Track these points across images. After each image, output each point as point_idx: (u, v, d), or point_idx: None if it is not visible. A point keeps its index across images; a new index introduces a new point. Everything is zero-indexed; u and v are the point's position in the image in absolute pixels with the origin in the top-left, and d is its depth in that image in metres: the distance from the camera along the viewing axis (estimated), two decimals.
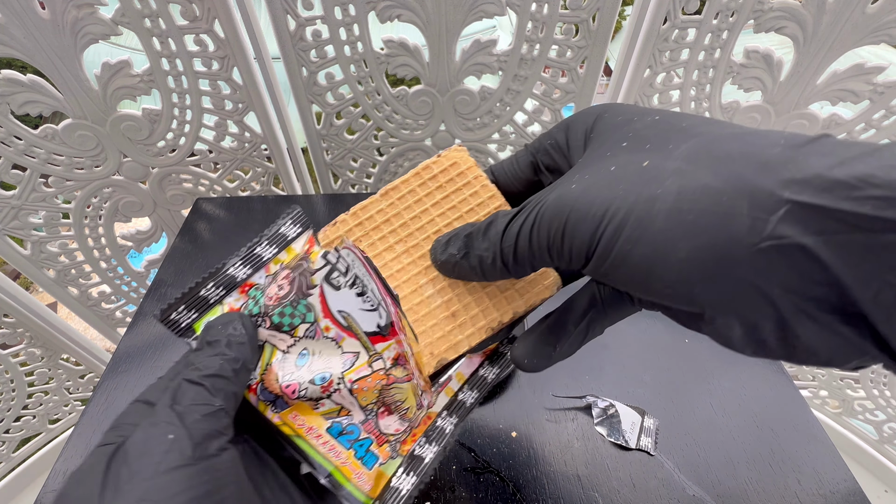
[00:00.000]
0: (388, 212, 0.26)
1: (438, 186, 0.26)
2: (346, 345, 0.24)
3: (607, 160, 0.19)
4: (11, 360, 0.86)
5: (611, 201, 0.17)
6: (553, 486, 0.39)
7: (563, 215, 0.18)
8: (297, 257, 0.26)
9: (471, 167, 0.27)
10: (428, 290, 0.25)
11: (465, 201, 0.26)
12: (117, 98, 0.65)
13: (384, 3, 0.58)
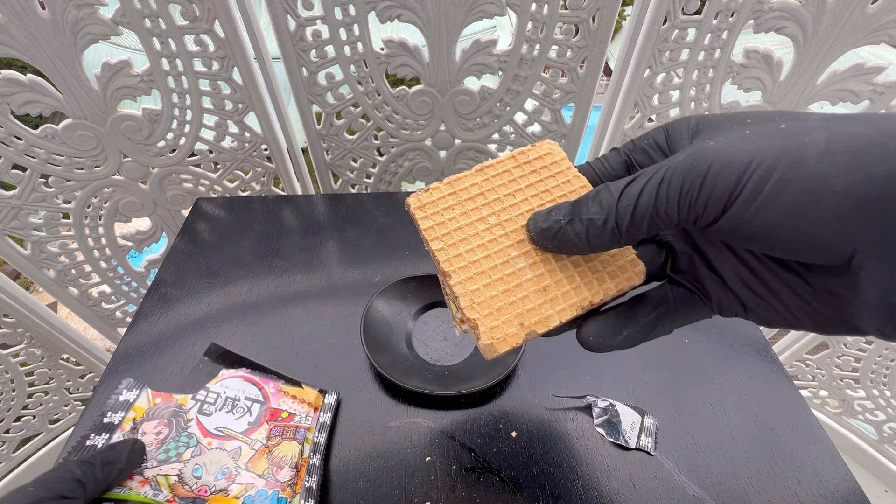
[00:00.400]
0: (482, 186, 0.27)
1: (533, 171, 0.27)
2: (229, 446, 0.36)
3: (736, 130, 0.19)
4: (11, 360, 0.86)
5: (756, 150, 0.17)
6: (553, 486, 0.39)
7: (703, 165, 0.18)
8: (158, 408, 0.37)
9: (563, 159, 0.27)
10: (519, 262, 0.25)
11: (558, 187, 0.26)
12: (117, 98, 0.65)
13: (384, 3, 0.58)
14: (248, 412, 0.39)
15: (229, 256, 0.60)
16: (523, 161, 0.27)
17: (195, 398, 0.39)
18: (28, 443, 1.00)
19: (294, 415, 0.40)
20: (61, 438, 1.04)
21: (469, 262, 0.25)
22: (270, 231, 0.64)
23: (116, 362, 0.48)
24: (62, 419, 1.03)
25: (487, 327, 0.23)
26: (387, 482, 0.39)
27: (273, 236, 0.63)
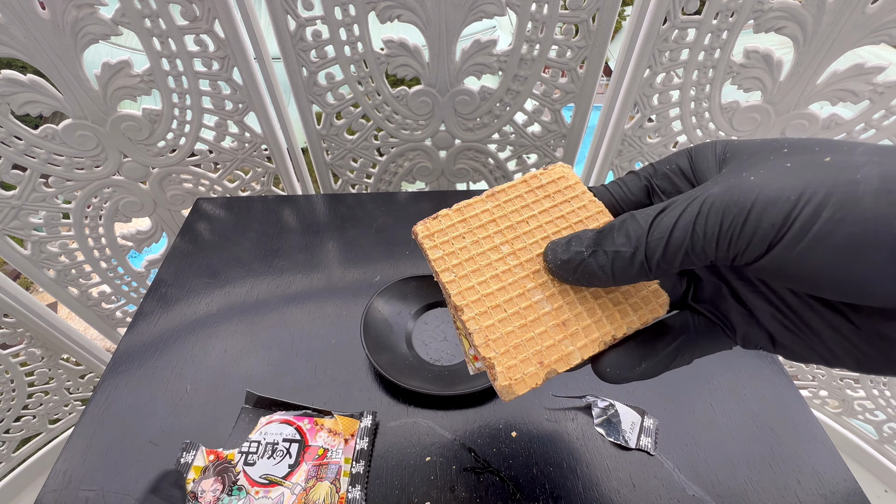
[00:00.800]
0: (493, 212, 0.25)
1: (546, 196, 0.26)
2: (273, 493, 0.38)
3: (773, 161, 0.18)
4: (11, 360, 0.86)
5: (803, 187, 0.16)
6: (553, 486, 0.39)
7: (746, 201, 0.17)
8: (211, 466, 0.40)
9: (577, 183, 0.26)
10: (536, 294, 0.24)
11: (573, 213, 0.25)
12: (117, 98, 0.65)
13: (384, 3, 0.58)
14: (288, 454, 0.40)
15: (229, 256, 0.60)
16: (536, 185, 0.26)
17: (240, 451, 0.40)
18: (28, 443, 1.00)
19: (328, 450, 0.41)
20: (61, 438, 1.04)
21: (482, 294, 0.23)
22: (270, 231, 0.64)
23: (116, 362, 0.48)
24: (62, 419, 1.03)
25: (504, 367, 0.22)
26: (387, 482, 0.39)
27: (273, 236, 0.63)
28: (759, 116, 0.67)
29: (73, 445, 0.42)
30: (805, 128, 0.67)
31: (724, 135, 0.70)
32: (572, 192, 0.26)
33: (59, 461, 0.41)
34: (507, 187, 0.26)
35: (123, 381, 0.47)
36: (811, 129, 0.67)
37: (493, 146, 0.76)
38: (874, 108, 0.64)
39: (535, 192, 0.26)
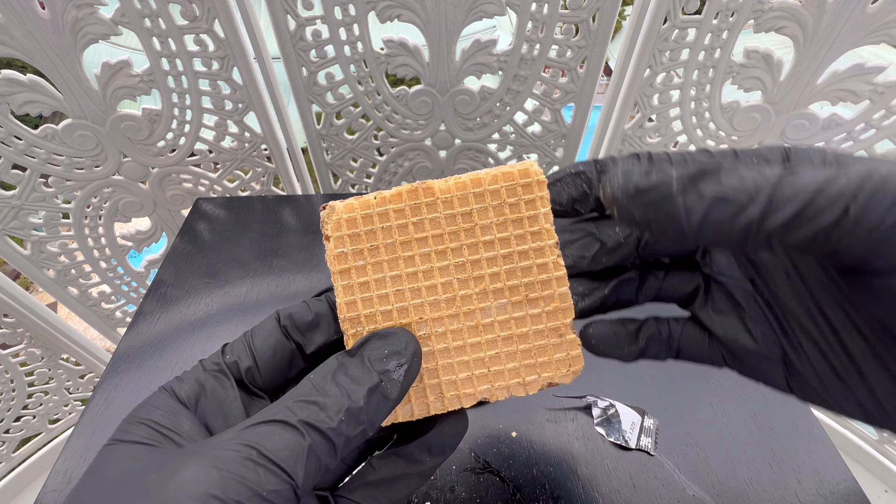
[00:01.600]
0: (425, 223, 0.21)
1: (498, 205, 0.21)
2: None
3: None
4: (11, 360, 0.86)
5: None
6: (553, 486, 0.39)
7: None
8: None
9: (543, 196, 0.21)
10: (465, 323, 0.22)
11: (520, 238, 0.22)
12: (117, 98, 0.65)
13: (384, 2, 0.58)
14: None
15: (229, 256, 0.60)
16: (493, 202, 0.21)
17: None
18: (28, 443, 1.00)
19: None
20: (61, 438, 1.04)
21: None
22: (270, 231, 0.64)
23: (116, 362, 0.48)
24: (62, 419, 1.03)
25: None
26: None
27: (273, 236, 0.63)
28: (759, 116, 0.67)
29: (73, 445, 0.42)
30: (805, 128, 0.67)
31: (725, 135, 0.70)
32: (532, 207, 0.21)
33: (59, 461, 0.41)
34: (453, 194, 0.21)
35: (123, 381, 0.47)
36: (811, 129, 0.67)
37: (494, 146, 0.76)
38: (874, 108, 0.64)
39: (486, 213, 0.21)
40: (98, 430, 0.43)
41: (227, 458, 0.16)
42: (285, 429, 0.17)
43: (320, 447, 0.17)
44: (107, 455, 0.18)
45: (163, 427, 0.19)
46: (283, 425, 0.17)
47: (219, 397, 0.21)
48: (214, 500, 0.15)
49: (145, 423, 0.19)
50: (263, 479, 0.16)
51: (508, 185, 0.21)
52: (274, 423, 0.17)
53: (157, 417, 0.19)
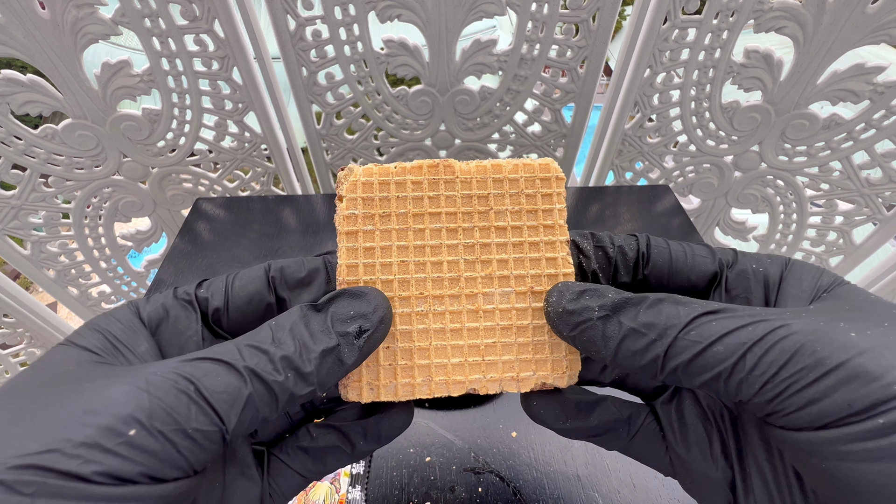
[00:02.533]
0: (442, 196, 0.21)
1: (515, 211, 0.22)
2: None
3: (888, 328, 0.15)
4: (11, 360, 0.86)
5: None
6: (553, 487, 0.39)
7: (833, 358, 0.14)
8: None
9: (559, 193, 0.22)
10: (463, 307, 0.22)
11: (533, 229, 0.22)
12: (117, 98, 0.65)
13: (384, 2, 0.58)
14: None
15: (229, 256, 0.60)
16: (511, 190, 0.22)
17: None
18: None
19: None
20: None
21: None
22: (270, 231, 0.64)
23: None
24: None
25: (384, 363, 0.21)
26: (387, 482, 0.39)
27: (273, 236, 0.63)
28: (759, 116, 0.67)
29: None
30: (805, 128, 0.67)
31: (725, 135, 0.70)
32: (548, 202, 0.22)
33: None
34: (474, 174, 0.22)
35: None
36: (811, 129, 0.67)
37: (494, 146, 0.76)
38: (874, 108, 0.64)
39: (503, 199, 0.22)
40: None
41: (161, 385, 0.15)
42: (229, 371, 0.16)
43: (261, 398, 0.17)
44: (55, 353, 0.18)
45: (117, 341, 0.19)
46: (227, 367, 0.16)
47: (180, 327, 0.20)
48: (136, 423, 0.14)
49: (102, 333, 0.19)
50: (193, 416, 0.15)
51: (528, 176, 0.22)
52: (219, 362, 0.17)
53: (115, 330, 0.19)
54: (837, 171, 0.73)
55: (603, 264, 0.22)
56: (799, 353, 0.14)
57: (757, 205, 0.80)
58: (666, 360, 0.17)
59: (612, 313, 0.18)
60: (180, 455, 0.15)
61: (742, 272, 0.20)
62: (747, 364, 0.15)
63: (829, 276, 0.19)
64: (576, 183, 0.81)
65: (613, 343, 0.18)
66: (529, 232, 0.22)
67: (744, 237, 0.86)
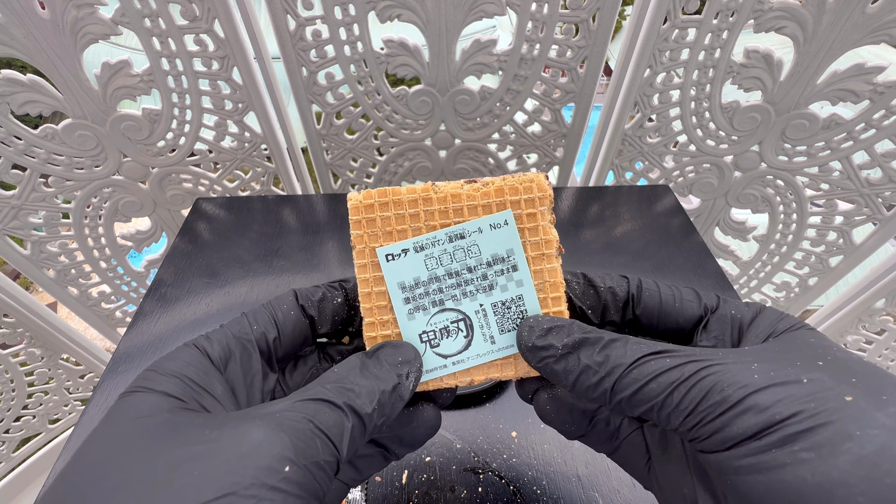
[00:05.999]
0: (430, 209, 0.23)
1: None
2: None
3: (798, 369, 0.17)
4: (11, 360, 0.86)
5: (801, 406, 0.16)
6: (553, 486, 0.39)
7: (734, 392, 0.17)
8: None
9: (544, 211, 0.23)
10: None
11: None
12: (117, 98, 0.65)
13: (384, 2, 0.58)
14: None
15: (229, 256, 0.60)
16: (498, 200, 0.23)
17: None
18: (28, 443, 1.00)
19: None
20: (61, 438, 1.04)
21: None
22: (270, 231, 0.64)
23: (116, 362, 0.48)
24: (62, 419, 1.03)
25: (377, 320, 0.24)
26: (387, 482, 0.39)
27: (273, 236, 0.63)
28: (759, 116, 0.67)
29: (72, 445, 0.42)
30: (805, 128, 0.67)
31: (725, 135, 0.70)
32: (533, 220, 0.23)
33: (58, 461, 0.41)
34: (466, 192, 0.23)
35: (123, 381, 0.47)
36: (811, 129, 0.67)
37: (494, 146, 0.76)
38: (874, 108, 0.64)
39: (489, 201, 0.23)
40: None
41: (292, 426, 0.17)
42: (332, 408, 0.18)
43: (357, 429, 0.19)
44: (136, 401, 0.18)
45: (196, 385, 0.19)
46: (329, 405, 0.18)
47: (244, 367, 0.22)
48: (288, 461, 0.16)
49: (178, 377, 0.19)
50: (320, 450, 0.17)
51: (514, 199, 0.23)
52: (321, 401, 0.18)
53: (191, 374, 0.19)
54: (837, 171, 0.73)
55: (593, 303, 0.24)
56: (712, 391, 0.17)
57: (757, 205, 0.80)
58: (613, 394, 0.19)
59: (573, 350, 0.21)
60: (319, 486, 0.17)
61: (721, 317, 0.23)
62: (674, 399, 0.18)
63: (788, 321, 0.21)
64: (576, 183, 0.81)
65: (572, 377, 0.20)
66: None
67: (744, 237, 0.86)
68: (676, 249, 0.61)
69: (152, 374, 0.19)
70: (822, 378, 0.16)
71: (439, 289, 0.23)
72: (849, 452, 0.14)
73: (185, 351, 0.20)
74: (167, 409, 0.18)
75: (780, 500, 0.15)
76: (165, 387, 0.18)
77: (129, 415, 0.17)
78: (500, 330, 0.23)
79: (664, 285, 0.24)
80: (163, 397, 0.18)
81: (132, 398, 0.18)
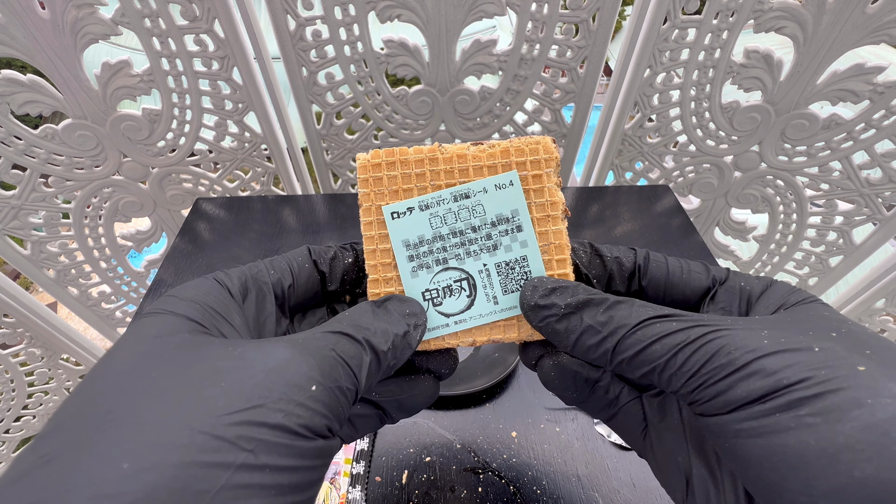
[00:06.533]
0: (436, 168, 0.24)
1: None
2: None
3: (810, 338, 0.17)
4: (11, 360, 0.86)
5: (810, 373, 0.15)
6: (553, 486, 0.39)
7: (740, 357, 0.16)
8: None
9: (549, 173, 0.24)
10: None
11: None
12: (117, 98, 0.65)
13: (384, 2, 0.58)
14: None
15: (229, 256, 0.60)
16: (503, 161, 0.24)
17: None
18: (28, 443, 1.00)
19: None
20: None
21: None
22: (270, 231, 0.64)
23: None
24: None
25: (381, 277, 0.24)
26: (387, 482, 0.39)
27: (273, 236, 0.63)
28: (759, 116, 0.67)
29: None
30: (805, 128, 0.67)
31: (724, 135, 0.70)
32: (538, 182, 0.23)
33: None
34: (472, 153, 0.24)
35: None
36: (811, 129, 0.67)
37: None
38: (874, 108, 0.64)
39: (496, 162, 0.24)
40: None
41: (317, 350, 0.18)
42: (351, 341, 0.19)
43: (373, 364, 0.19)
44: (157, 321, 0.18)
45: (216, 312, 0.19)
46: (349, 338, 0.19)
47: (259, 306, 0.22)
48: (314, 381, 0.16)
49: (198, 304, 0.19)
50: (342, 376, 0.18)
51: (519, 160, 0.23)
52: (342, 334, 0.19)
53: (212, 302, 0.19)
54: (837, 171, 0.73)
55: (599, 272, 0.24)
56: (717, 354, 0.17)
57: (757, 205, 0.80)
58: (614, 355, 0.19)
59: (576, 310, 0.20)
60: (342, 410, 0.17)
61: (730, 288, 0.22)
62: (677, 361, 0.18)
63: (800, 294, 0.20)
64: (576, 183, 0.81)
65: (573, 336, 0.20)
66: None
67: (744, 237, 0.86)
68: (676, 249, 0.61)
69: (172, 300, 0.19)
70: (835, 347, 0.16)
71: (443, 247, 0.23)
72: (858, 419, 0.14)
73: (204, 282, 0.21)
74: (187, 330, 0.18)
75: (780, 464, 0.15)
76: (186, 311, 0.18)
77: (149, 333, 0.17)
78: (504, 290, 0.23)
79: (672, 259, 0.24)
80: (183, 320, 0.18)
81: (152, 319, 0.18)
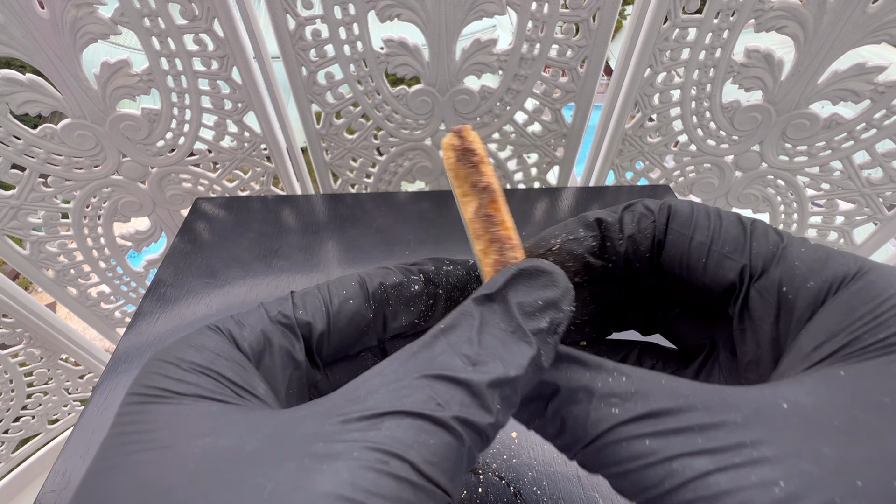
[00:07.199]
0: None
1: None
2: None
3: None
4: (10, 360, 0.86)
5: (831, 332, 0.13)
6: (553, 487, 0.39)
7: None
8: None
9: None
10: None
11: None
12: (116, 98, 0.65)
13: (384, 2, 0.58)
14: None
15: (229, 256, 0.60)
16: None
17: None
18: (27, 443, 1.00)
19: None
20: (60, 439, 1.04)
21: None
22: (270, 231, 0.64)
23: (115, 363, 0.48)
24: (61, 419, 1.02)
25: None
26: None
27: (272, 236, 0.63)
28: (759, 116, 0.67)
29: (72, 446, 0.42)
30: (806, 127, 0.67)
31: (725, 135, 0.70)
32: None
33: (58, 461, 0.41)
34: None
35: (122, 382, 0.46)
36: (812, 129, 0.67)
37: (494, 146, 0.76)
38: (875, 108, 0.64)
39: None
40: (97, 430, 0.43)
41: (374, 482, 0.11)
42: (436, 429, 0.12)
43: (476, 448, 0.12)
44: (169, 416, 0.13)
45: (234, 385, 0.14)
46: (432, 423, 0.12)
47: (284, 360, 0.16)
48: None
49: (208, 375, 0.14)
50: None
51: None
52: (419, 417, 0.12)
53: (224, 370, 0.14)
54: (838, 170, 0.73)
55: (613, 254, 0.19)
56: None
57: (757, 205, 0.80)
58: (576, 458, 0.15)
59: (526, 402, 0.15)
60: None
61: (765, 289, 0.15)
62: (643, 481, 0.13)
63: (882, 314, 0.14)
64: (576, 183, 0.81)
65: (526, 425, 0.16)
66: None
67: None
68: None
69: (174, 370, 0.14)
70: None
71: None
72: None
73: (206, 337, 0.15)
74: (211, 429, 0.13)
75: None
76: (199, 388, 0.14)
77: (164, 436, 0.13)
78: None
79: (702, 227, 0.17)
80: (198, 404, 0.14)
81: (164, 410, 0.14)
